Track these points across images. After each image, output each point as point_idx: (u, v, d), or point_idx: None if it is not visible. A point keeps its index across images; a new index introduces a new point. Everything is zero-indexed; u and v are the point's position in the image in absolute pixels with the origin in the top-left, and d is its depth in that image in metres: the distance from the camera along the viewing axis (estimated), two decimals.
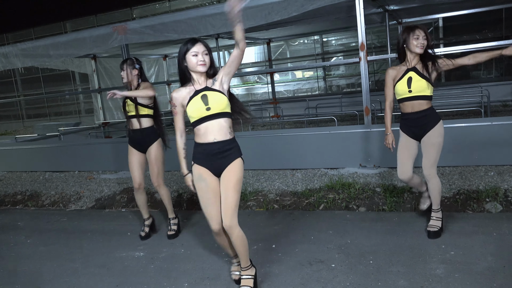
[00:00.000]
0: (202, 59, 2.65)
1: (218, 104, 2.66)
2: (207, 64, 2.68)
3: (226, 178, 2.72)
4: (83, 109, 18.52)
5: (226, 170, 2.73)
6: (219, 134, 2.68)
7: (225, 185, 2.71)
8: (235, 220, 2.70)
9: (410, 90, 3.24)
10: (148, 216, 4.15)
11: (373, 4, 6.73)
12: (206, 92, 2.68)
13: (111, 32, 6.16)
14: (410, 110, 3.31)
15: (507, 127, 4.53)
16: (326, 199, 4.47)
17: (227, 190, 2.70)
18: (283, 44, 15.17)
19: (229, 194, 2.69)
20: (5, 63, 7.27)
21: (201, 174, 2.75)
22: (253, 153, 5.54)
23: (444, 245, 3.26)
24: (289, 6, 5.09)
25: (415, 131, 3.34)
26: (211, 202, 2.74)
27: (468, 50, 4.93)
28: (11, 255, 4.08)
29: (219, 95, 2.68)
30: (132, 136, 3.92)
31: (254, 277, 2.90)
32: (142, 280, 3.25)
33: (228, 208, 2.68)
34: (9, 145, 8.11)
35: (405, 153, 3.39)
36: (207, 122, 2.67)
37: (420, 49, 3.21)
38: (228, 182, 2.70)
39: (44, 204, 5.83)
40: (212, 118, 2.67)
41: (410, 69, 3.28)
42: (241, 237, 2.75)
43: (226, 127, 2.70)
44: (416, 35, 3.19)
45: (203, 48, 2.67)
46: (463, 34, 12.19)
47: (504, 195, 4.01)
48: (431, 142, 3.29)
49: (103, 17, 17.60)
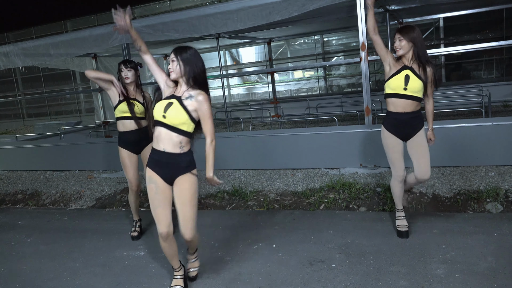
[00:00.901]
0: (170, 66, 2.68)
1: (174, 119, 2.65)
2: (174, 72, 2.67)
3: (178, 192, 2.73)
4: (83, 109, 18.51)
5: (177, 182, 2.73)
6: (168, 146, 2.69)
7: (180, 200, 2.73)
8: (194, 230, 2.81)
9: (406, 88, 3.20)
10: (139, 218, 4.22)
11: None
12: (174, 101, 2.68)
13: (111, 32, 6.16)
14: (401, 110, 3.26)
15: (508, 127, 4.53)
16: (327, 199, 4.47)
17: (183, 206, 2.73)
18: (284, 43, 15.16)
19: (186, 210, 2.73)
20: (5, 62, 7.27)
21: (151, 176, 2.76)
22: (254, 153, 5.55)
23: (444, 245, 3.26)
24: (290, 6, 5.09)
25: (405, 131, 3.31)
26: (161, 204, 2.75)
27: (468, 50, 4.93)
28: (12, 254, 4.09)
29: (181, 111, 2.65)
30: (130, 138, 3.88)
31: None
32: (142, 280, 3.26)
33: (187, 222, 2.74)
34: (9, 144, 8.11)
35: (399, 153, 3.38)
36: (161, 128, 2.69)
37: (400, 52, 3.22)
38: (182, 197, 2.72)
39: (45, 203, 5.83)
40: (165, 127, 2.67)
41: (407, 67, 3.25)
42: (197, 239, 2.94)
43: (177, 141, 2.68)
44: (394, 38, 3.22)
45: (172, 56, 2.67)
46: (463, 34, 12.18)
47: (505, 196, 4.01)
48: (423, 141, 3.32)
49: (104, 16, 17.58)
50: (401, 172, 3.42)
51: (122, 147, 3.91)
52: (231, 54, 16.21)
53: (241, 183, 5.22)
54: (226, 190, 5.06)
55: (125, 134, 3.86)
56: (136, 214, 4.17)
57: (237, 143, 5.72)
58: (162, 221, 2.74)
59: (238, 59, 16.37)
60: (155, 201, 2.75)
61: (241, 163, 5.67)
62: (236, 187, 5.09)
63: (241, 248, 3.60)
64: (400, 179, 3.45)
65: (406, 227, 3.47)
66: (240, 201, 4.82)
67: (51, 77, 18.54)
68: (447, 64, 12.70)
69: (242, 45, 13.69)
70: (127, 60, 3.89)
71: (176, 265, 2.98)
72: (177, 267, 2.99)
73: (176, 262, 2.97)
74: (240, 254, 3.50)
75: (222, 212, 4.62)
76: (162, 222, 2.74)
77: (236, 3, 5.40)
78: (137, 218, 4.18)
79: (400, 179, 3.45)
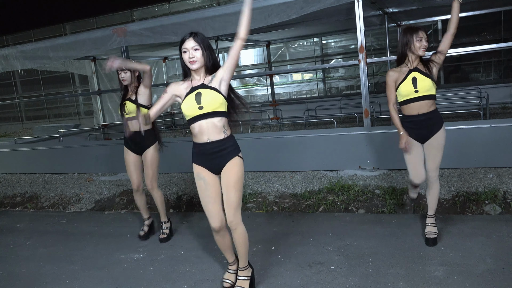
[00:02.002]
0: (192, 55, 2.57)
1: (211, 103, 2.60)
2: (198, 60, 2.59)
3: (225, 178, 2.70)
4: (82, 111, 18.51)
5: (225, 169, 2.70)
6: (213, 134, 2.64)
7: (225, 185, 2.70)
8: (238, 217, 2.71)
9: (417, 90, 3.16)
10: (148, 216, 4.17)
11: (372, 6, 6.75)
12: (201, 90, 2.62)
13: (110, 34, 6.18)
14: (416, 112, 3.22)
15: (506, 129, 4.54)
16: (326, 201, 4.48)
17: (228, 190, 2.69)
18: (283, 46, 15.18)
19: (231, 194, 2.69)
20: (5, 65, 7.28)
21: (199, 172, 2.74)
22: (253, 155, 5.55)
23: (443, 247, 3.26)
24: (288, 9, 5.11)
25: (423, 133, 3.25)
26: (211, 199, 2.73)
27: (467, 52, 4.95)
28: (11, 257, 4.08)
29: (213, 93, 2.60)
30: (131, 138, 3.89)
31: (251, 278, 2.90)
32: (141, 282, 3.25)
33: (230, 206, 2.69)
34: (8, 147, 8.12)
35: (416, 156, 3.29)
36: (200, 121, 2.62)
37: (423, 52, 3.16)
38: (228, 182, 2.69)
39: (44, 206, 5.82)
40: (205, 117, 2.61)
41: (412, 69, 3.21)
42: (244, 235, 2.76)
43: (220, 126, 2.64)
44: (419, 37, 3.13)
45: (193, 43, 2.57)
46: (462, 36, 12.21)
47: (503, 197, 4.02)
48: (438, 144, 3.24)
49: (103, 19, 17.61)
50: (415, 173, 3.30)
51: (126, 147, 3.98)
52: None
53: None
54: None
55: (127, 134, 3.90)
56: (144, 212, 4.15)
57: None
58: (214, 216, 2.73)
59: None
60: (205, 198, 2.74)
61: None
62: None
63: None
64: (416, 182, 3.33)
65: (434, 234, 3.37)
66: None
67: (50, 80, 18.54)
68: (446, 66, 12.73)
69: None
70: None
71: (230, 259, 2.94)
72: (231, 261, 2.94)
73: (230, 255, 2.92)
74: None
75: None
76: (214, 217, 2.73)
77: (235, 6, 5.43)
78: (146, 216, 4.16)
79: (417, 182, 3.33)
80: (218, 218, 2.73)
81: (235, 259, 2.95)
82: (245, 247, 2.80)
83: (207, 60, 2.63)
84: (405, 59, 3.25)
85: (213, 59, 2.67)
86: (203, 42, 2.60)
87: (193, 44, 2.58)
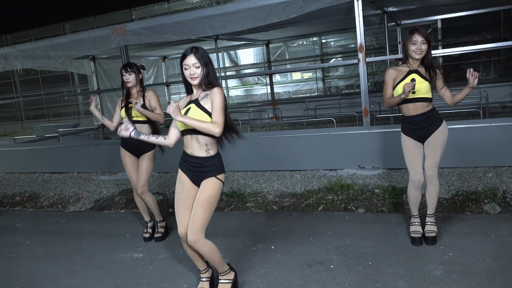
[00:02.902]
0: (193, 72, 2.63)
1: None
2: (198, 77, 2.65)
3: (199, 193, 2.71)
4: (82, 111, 18.50)
5: (202, 184, 2.72)
6: (196, 150, 2.69)
7: (196, 200, 2.70)
8: (199, 235, 2.65)
9: (414, 92, 3.15)
10: (150, 218, 4.17)
11: (371, 5, 6.75)
12: (192, 105, 2.67)
13: (110, 34, 6.17)
14: (413, 112, 3.23)
15: (506, 129, 4.54)
16: (325, 201, 4.48)
17: (196, 205, 2.69)
18: (282, 45, 15.18)
19: (197, 211, 2.67)
20: (4, 65, 7.27)
21: (181, 177, 2.78)
22: (252, 154, 5.55)
23: (442, 247, 3.26)
24: (288, 8, 5.10)
25: (421, 133, 3.25)
26: (184, 204, 2.74)
27: (466, 51, 4.94)
28: (10, 257, 4.08)
29: (201, 112, 2.63)
30: (129, 140, 3.87)
31: (233, 280, 2.89)
32: (141, 282, 3.25)
33: (193, 224, 2.66)
34: (8, 146, 8.11)
35: (416, 156, 3.29)
36: (187, 135, 2.69)
37: (418, 55, 3.14)
38: (198, 197, 2.69)
39: (43, 206, 5.82)
40: (190, 132, 2.66)
41: (413, 71, 3.21)
42: (209, 249, 2.71)
43: (202, 144, 2.67)
44: (414, 40, 3.11)
45: (194, 61, 2.62)
46: (461, 35, 12.22)
47: (503, 197, 4.02)
48: (437, 143, 3.24)
49: (102, 18, 17.60)
50: (416, 176, 3.30)
51: (124, 148, 3.97)
52: (230, 56, 16.23)
53: (240, 185, 5.22)
54: (224, 192, 5.06)
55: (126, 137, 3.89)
56: (145, 215, 4.14)
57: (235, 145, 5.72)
58: (181, 221, 2.73)
59: (236, 60, 16.39)
60: (178, 201, 2.76)
61: (240, 165, 5.67)
62: (234, 188, 5.10)
63: (240, 250, 3.60)
64: (415, 185, 3.33)
65: (419, 234, 3.38)
66: (238, 203, 4.82)
67: (50, 79, 18.53)
68: (445, 66, 12.73)
69: (240, 47, 13.72)
70: (127, 64, 3.88)
71: (200, 267, 2.91)
72: (202, 269, 2.92)
73: (200, 263, 2.88)
74: (239, 255, 3.50)
75: (221, 214, 4.62)
76: (181, 222, 2.73)
77: (234, 5, 5.42)
78: (148, 219, 4.15)
79: (416, 185, 3.33)
80: (185, 224, 2.73)
81: (207, 267, 2.93)
82: (215, 257, 2.76)
83: (204, 77, 2.67)
84: (407, 59, 3.26)
85: (211, 75, 2.69)
86: (203, 58, 2.65)
87: (194, 61, 2.62)
